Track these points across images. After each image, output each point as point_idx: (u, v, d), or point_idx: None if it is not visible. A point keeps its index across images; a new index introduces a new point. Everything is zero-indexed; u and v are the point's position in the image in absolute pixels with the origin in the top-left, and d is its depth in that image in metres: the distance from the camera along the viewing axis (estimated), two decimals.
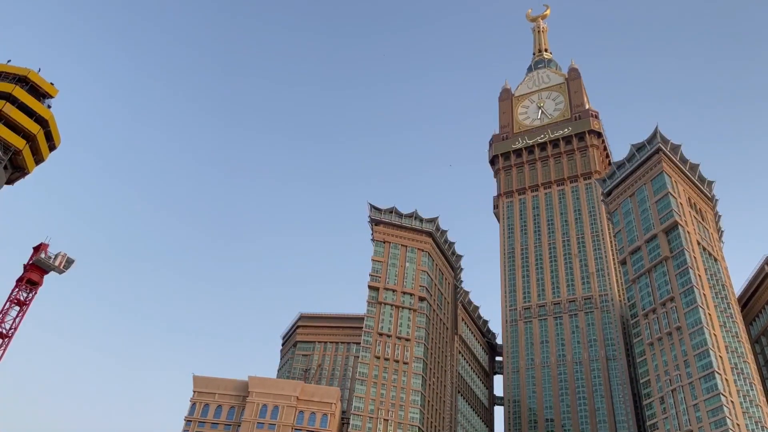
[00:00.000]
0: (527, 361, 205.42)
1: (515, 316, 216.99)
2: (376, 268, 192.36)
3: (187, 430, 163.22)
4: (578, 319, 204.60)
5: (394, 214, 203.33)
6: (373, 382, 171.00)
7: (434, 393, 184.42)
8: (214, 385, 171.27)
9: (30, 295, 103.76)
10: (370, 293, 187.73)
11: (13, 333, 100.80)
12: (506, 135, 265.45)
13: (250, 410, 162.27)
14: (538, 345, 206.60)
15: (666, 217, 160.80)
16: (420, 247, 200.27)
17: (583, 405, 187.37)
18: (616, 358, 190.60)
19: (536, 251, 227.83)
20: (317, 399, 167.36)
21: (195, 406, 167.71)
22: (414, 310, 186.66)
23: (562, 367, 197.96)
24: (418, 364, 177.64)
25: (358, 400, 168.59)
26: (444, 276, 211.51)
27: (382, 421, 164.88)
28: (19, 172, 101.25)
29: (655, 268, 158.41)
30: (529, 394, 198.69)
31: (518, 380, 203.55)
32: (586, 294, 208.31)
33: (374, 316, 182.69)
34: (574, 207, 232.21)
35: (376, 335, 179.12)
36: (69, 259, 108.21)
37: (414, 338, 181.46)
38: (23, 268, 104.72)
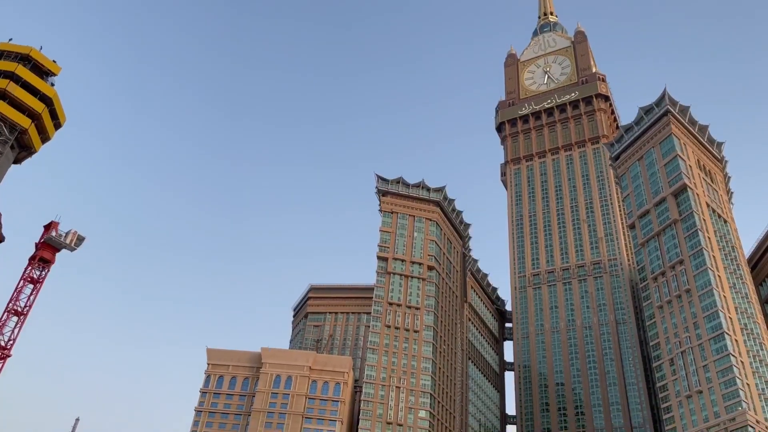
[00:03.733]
0: (537, 327, 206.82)
1: (524, 282, 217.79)
2: (385, 239, 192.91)
3: (203, 401, 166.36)
4: (587, 284, 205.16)
5: (401, 185, 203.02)
6: (385, 351, 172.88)
7: (445, 360, 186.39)
8: (228, 357, 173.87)
9: (43, 273, 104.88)
10: (379, 263, 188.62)
11: (28, 311, 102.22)
12: (512, 101, 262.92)
13: (264, 381, 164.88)
14: (547, 311, 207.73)
15: (675, 179, 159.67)
16: (428, 216, 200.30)
17: (593, 369, 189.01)
18: (626, 322, 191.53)
19: (544, 217, 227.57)
20: (330, 368, 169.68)
21: (210, 378, 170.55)
22: (423, 279, 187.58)
23: (571, 332, 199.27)
24: (429, 332, 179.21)
25: (370, 368, 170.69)
26: (452, 245, 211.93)
27: (394, 388, 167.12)
28: (25, 152, 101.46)
29: (664, 231, 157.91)
30: (540, 359, 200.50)
31: (528, 346, 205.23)
32: (595, 259, 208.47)
33: (384, 286, 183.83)
34: (582, 172, 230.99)
35: (386, 305, 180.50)
36: (80, 237, 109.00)
37: (424, 307, 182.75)
38: (35, 247, 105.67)
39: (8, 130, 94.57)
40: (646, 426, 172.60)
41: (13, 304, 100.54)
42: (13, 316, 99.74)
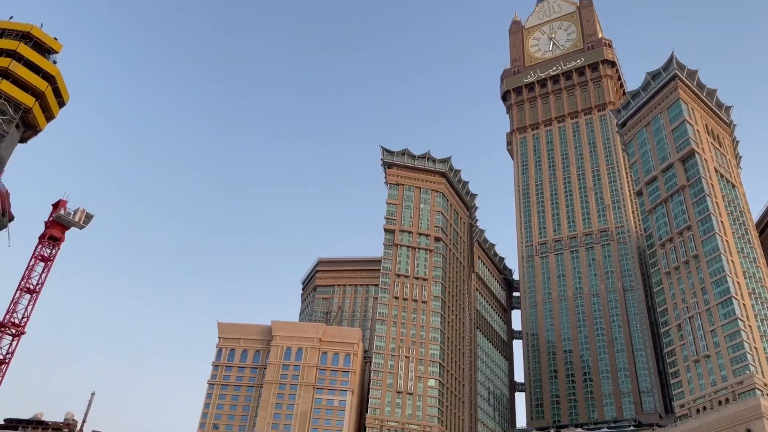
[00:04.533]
0: (544, 295, 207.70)
1: (531, 251, 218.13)
2: (391, 211, 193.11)
3: (215, 374, 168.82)
4: (594, 251, 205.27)
5: (407, 156, 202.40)
6: (393, 322, 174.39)
7: (453, 329, 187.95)
8: (239, 331, 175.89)
9: (53, 251, 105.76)
10: (386, 236, 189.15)
11: (40, 288, 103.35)
12: (518, 69, 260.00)
13: (275, 353, 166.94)
14: (554, 279, 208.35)
15: (682, 145, 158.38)
16: (434, 187, 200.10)
17: (601, 335, 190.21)
18: (633, 289, 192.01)
19: (551, 186, 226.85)
20: (339, 340, 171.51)
21: (221, 351, 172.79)
22: (430, 250, 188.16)
23: (579, 300, 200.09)
24: (437, 302, 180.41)
25: (380, 339, 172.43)
26: (459, 215, 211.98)
27: (404, 358, 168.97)
28: (31, 131, 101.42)
29: (672, 197, 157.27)
30: (547, 327, 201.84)
31: (536, 314, 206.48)
32: (602, 227, 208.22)
33: (391, 258, 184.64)
34: (588, 140, 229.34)
35: (393, 276, 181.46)
36: (88, 215, 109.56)
37: (431, 278, 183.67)
38: (44, 225, 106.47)
39: (12, 109, 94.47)
40: (654, 391, 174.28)
41: (25, 282, 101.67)
42: (26, 294, 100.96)
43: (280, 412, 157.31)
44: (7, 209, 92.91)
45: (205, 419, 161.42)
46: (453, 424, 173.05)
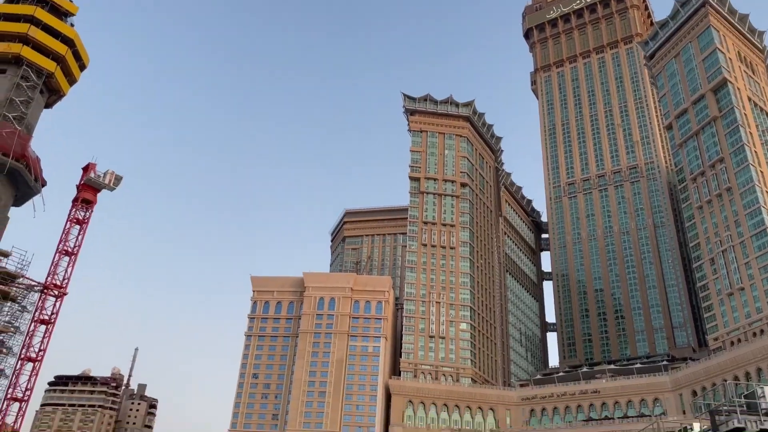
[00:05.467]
0: (573, 236, 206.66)
1: (559, 192, 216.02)
2: (416, 159, 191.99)
3: (251, 326, 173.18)
4: (624, 189, 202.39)
5: (429, 102, 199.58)
6: (423, 269, 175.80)
7: (483, 274, 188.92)
8: (272, 284, 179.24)
9: (87, 214, 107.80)
10: (412, 184, 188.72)
11: (78, 250, 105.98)
12: (539, 5, 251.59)
13: (308, 303, 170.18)
14: (583, 219, 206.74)
15: (714, 74, 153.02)
16: (458, 132, 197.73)
17: (632, 273, 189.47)
18: (664, 225, 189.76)
19: (577, 124, 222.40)
20: (370, 288, 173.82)
21: (256, 304, 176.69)
22: (456, 196, 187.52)
23: (609, 239, 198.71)
24: (465, 248, 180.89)
25: (410, 286, 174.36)
26: (484, 160, 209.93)
27: (434, 303, 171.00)
28: (55, 95, 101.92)
29: (703, 129, 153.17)
30: (577, 267, 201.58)
31: (565, 255, 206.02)
32: (631, 163, 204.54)
33: (418, 206, 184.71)
34: (615, 75, 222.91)
35: (421, 224, 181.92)
36: (117, 177, 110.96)
37: (459, 224, 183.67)
38: (76, 189, 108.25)
39: (35, 75, 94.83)
40: (687, 326, 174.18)
41: (63, 245, 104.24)
42: (65, 256, 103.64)
43: (316, 359, 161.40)
44: (39, 175, 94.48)
45: (245, 369, 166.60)
46: (486, 366, 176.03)
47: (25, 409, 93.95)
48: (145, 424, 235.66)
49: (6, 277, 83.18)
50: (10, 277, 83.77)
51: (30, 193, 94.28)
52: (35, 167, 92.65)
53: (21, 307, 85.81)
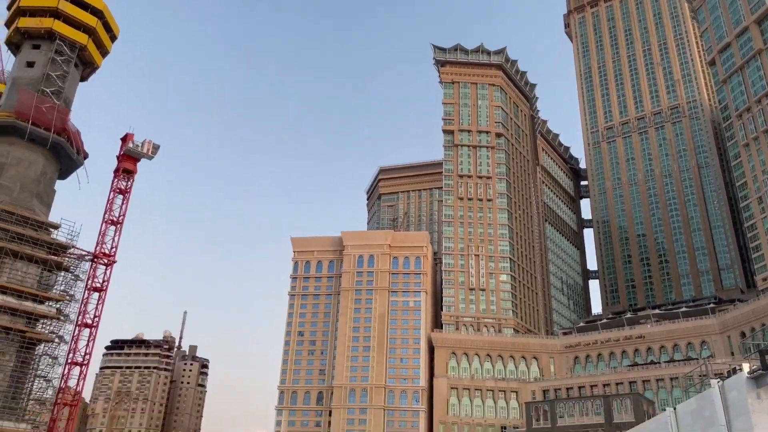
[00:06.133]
0: (613, 181, 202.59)
1: (597, 137, 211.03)
2: (448, 111, 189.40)
3: (294, 286, 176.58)
4: (665, 131, 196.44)
5: (460, 52, 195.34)
6: (460, 222, 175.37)
7: (521, 224, 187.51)
8: (311, 244, 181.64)
9: (129, 183, 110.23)
10: (446, 137, 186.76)
11: (123, 219, 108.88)
12: None
13: (348, 262, 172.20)
14: (623, 163, 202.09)
15: (757, 5, 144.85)
16: (490, 82, 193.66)
17: (676, 216, 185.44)
18: (708, 165, 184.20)
19: (615, 66, 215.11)
20: (408, 244, 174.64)
21: (297, 264, 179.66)
22: (492, 147, 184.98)
23: (650, 183, 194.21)
24: (502, 199, 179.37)
25: (448, 240, 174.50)
26: (519, 108, 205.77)
27: (473, 256, 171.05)
28: (89, 68, 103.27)
29: (748, 63, 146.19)
30: (618, 213, 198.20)
31: (606, 201, 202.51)
32: (672, 103, 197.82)
33: (452, 159, 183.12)
34: (653, 11, 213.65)
35: (456, 177, 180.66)
36: (155, 145, 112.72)
37: (495, 175, 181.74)
38: (117, 159, 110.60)
39: (69, 48, 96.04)
40: (734, 267, 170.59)
41: (108, 215, 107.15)
42: (111, 226, 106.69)
43: (359, 315, 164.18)
44: (80, 148, 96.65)
45: (290, 328, 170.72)
46: (528, 316, 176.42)
47: (85, 373, 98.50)
48: (198, 383, 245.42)
49: (58, 248, 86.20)
50: (61, 247, 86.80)
51: (73, 166, 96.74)
52: (76, 140, 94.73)
53: (74, 276, 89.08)
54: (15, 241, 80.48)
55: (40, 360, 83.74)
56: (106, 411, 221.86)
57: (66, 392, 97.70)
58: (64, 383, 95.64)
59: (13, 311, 78.15)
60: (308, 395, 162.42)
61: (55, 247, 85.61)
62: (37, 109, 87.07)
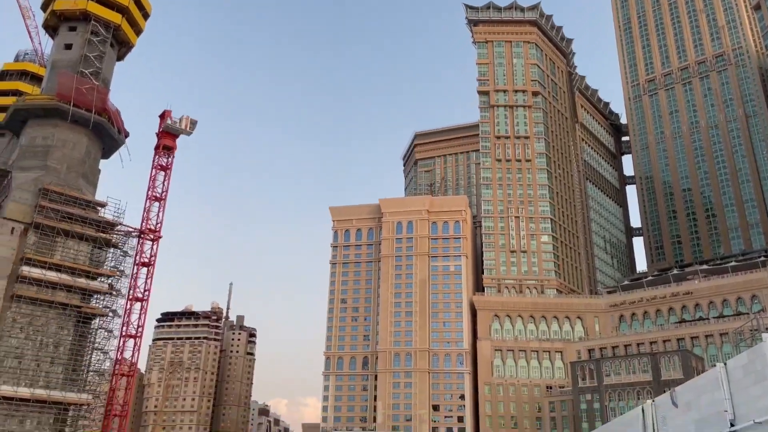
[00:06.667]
0: (656, 136, 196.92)
1: (638, 91, 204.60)
2: (483, 72, 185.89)
3: (335, 254, 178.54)
4: (710, 80, 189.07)
5: (492, 10, 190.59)
6: (499, 184, 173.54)
7: (562, 184, 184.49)
8: (350, 213, 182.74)
9: (169, 160, 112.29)
10: (481, 98, 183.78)
11: (166, 195, 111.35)
12: None
13: (387, 229, 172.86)
14: (666, 116, 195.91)
15: None
16: (525, 39, 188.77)
17: (723, 169, 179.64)
18: (757, 114, 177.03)
19: (655, 15, 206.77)
20: (446, 209, 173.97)
21: (337, 233, 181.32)
22: (529, 106, 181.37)
23: (695, 135, 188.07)
24: (541, 159, 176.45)
25: (486, 203, 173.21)
26: (556, 65, 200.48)
27: (513, 218, 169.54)
28: (124, 47, 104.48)
29: None
30: (662, 168, 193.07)
31: (648, 156, 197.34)
32: (716, 51, 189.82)
33: (489, 121, 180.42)
34: None
35: (493, 139, 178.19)
36: (192, 121, 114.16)
37: (533, 135, 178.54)
38: (156, 137, 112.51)
39: (104, 29, 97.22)
40: None
41: (151, 192, 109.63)
42: (155, 202, 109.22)
43: (400, 281, 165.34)
44: (121, 127, 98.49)
45: (333, 295, 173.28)
46: (570, 276, 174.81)
47: (139, 345, 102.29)
48: (247, 352, 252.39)
49: (106, 226, 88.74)
50: (109, 225, 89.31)
51: (115, 145, 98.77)
52: (117, 119, 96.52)
53: (123, 252, 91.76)
54: (65, 221, 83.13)
55: (97, 333, 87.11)
56: (161, 380, 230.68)
57: (122, 363, 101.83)
58: (120, 355, 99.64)
59: (69, 288, 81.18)
60: (354, 360, 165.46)
61: (103, 225, 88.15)
62: (77, 90, 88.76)
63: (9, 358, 75.66)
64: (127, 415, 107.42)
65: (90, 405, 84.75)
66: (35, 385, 75.88)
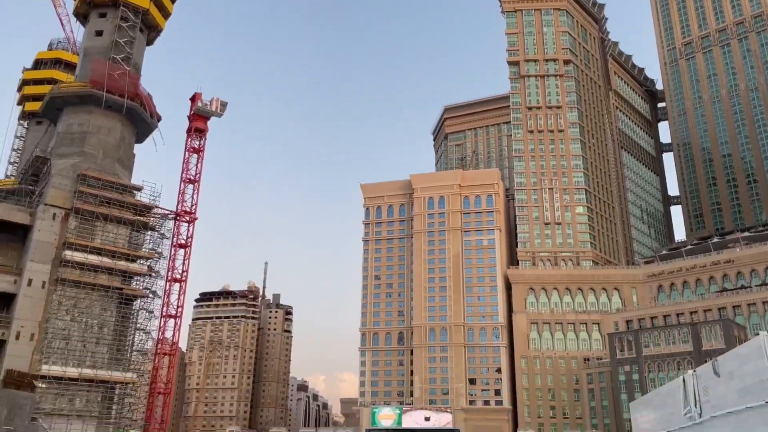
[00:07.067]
0: (694, 100, 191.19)
1: (675, 55, 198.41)
2: (512, 42, 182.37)
3: (367, 232, 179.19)
4: (749, 42, 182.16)
5: None
6: (531, 156, 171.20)
7: (596, 154, 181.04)
8: (381, 189, 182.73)
9: (201, 142, 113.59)
10: (511, 69, 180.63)
11: (199, 177, 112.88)
12: None
13: (418, 204, 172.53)
14: (704, 80, 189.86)
15: None
16: (555, 6, 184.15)
17: (764, 133, 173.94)
18: None
19: None
20: (478, 182, 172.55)
21: (368, 210, 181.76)
22: (560, 75, 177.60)
23: (735, 99, 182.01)
24: (574, 129, 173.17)
25: (519, 175, 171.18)
26: (587, 31, 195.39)
27: (547, 190, 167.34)
28: (154, 32, 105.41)
29: None
30: (700, 134, 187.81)
31: (686, 122, 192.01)
32: (755, 11, 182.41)
33: (519, 92, 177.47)
34: None
35: (525, 110, 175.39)
36: (223, 102, 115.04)
37: (565, 104, 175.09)
38: (188, 119, 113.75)
39: (132, 14, 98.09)
40: None
41: (185, 174, 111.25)
42: (189, 184, 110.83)
43: (433, 257, 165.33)
44: (153, 111, 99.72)
45: (366, 272, 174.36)
46: (606, 247, 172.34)
47: (179, 324, 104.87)
48: (284, 329, 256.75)
49: (143, 209, 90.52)
50: (146, 208, 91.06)
51: (148, 130, 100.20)
52: (149, 104, 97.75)
53: (160, 234, 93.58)
54: (104, 205, 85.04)
55: (138, 314, 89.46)
56: (202, 359, 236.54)
57: (164, 343, 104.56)
58: (161, 335, 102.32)
59: (110, 270, 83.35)
60: (389, 336, 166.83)
61: (140, 208, 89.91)
62: (109, 76, 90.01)
63: (57, 340, 78.34)
64: (171, 392, 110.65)
65: (135, 383, 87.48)
66: (82, 365, 78.50)
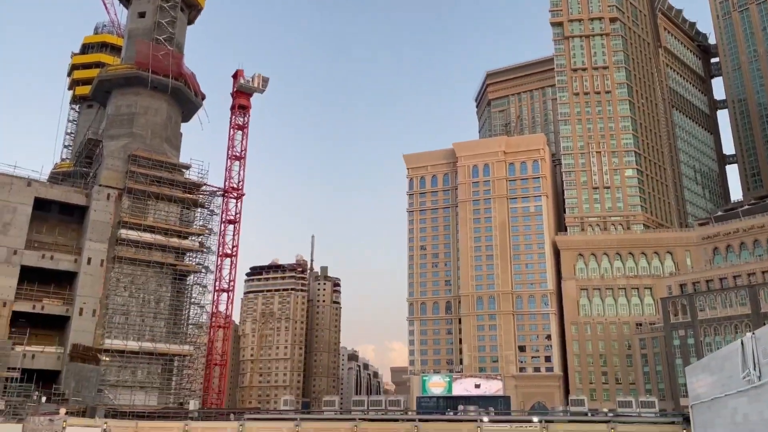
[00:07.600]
0: (749, 54, 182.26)
1: (728, 7, 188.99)
2: (555, 1, 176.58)
3: (411, 202, 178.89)
4: None
5: None
6: (578, 119, 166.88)
7: (645, 114, 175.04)
8: (424, 159, 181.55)
9: (245, 119, 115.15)
10: (554, 30, 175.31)
11: (245, 154, 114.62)
12: None
13: (463, 173, 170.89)
14: (759, 33, 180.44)
15: None
16: None
17: None
18: None
19: None
20: (524, 149, 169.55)
21: (412, 181, 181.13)
22: (606, 34, 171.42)
23: None
24: (622, 89, 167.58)
25: (565, 140, 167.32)
26: None
27: (595, 153, 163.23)
28: (195, 10, 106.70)
29: None
30: (757, 89, 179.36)
31: (741, 77, 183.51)
32: None
33: (564, 54, 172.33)
34: None
35: (570, 72, 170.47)
36: (264, 78, 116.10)
37: (612, 64, 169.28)
38: (231, 97, 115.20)
39: None
40: None
41: (231, 151, 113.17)
42: (235, 161, 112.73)
43: (479, 225, 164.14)
44: (197, 90, 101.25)
45: (412, 243, 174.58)
46: (658, 209, 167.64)
47: (232, 298, 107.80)
48: (333, 301, 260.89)
49: (192, 187, 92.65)
50: (194, 186, 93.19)
51: (193, 108, 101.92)
52: (193, 83, 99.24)
53: (210, 211, 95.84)
54: (155, 184, 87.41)
55: (192, 289, 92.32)
56: (255, 331, 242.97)
57: (218, 316, 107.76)
58: (215, 308, 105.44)
59: (163, 247, 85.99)
60: (437, 305, 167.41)
61: (189, 186, 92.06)
62: (154, 57, 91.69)
63: (117, 315, 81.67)
64: (227, 363, 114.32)
65: (192, 355, 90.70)
66: (142, 338, 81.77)
